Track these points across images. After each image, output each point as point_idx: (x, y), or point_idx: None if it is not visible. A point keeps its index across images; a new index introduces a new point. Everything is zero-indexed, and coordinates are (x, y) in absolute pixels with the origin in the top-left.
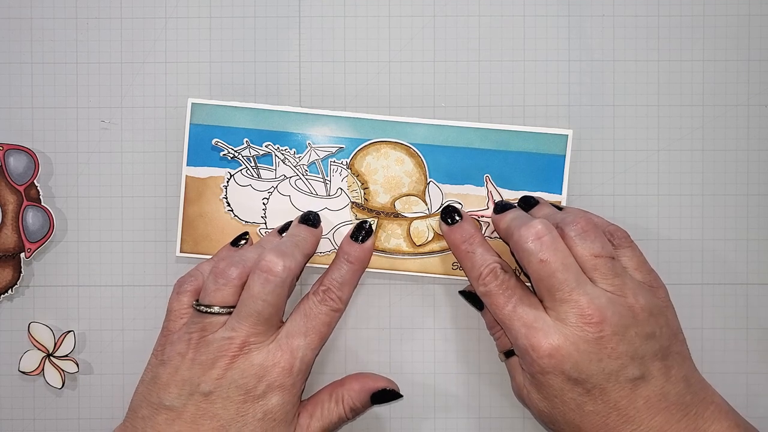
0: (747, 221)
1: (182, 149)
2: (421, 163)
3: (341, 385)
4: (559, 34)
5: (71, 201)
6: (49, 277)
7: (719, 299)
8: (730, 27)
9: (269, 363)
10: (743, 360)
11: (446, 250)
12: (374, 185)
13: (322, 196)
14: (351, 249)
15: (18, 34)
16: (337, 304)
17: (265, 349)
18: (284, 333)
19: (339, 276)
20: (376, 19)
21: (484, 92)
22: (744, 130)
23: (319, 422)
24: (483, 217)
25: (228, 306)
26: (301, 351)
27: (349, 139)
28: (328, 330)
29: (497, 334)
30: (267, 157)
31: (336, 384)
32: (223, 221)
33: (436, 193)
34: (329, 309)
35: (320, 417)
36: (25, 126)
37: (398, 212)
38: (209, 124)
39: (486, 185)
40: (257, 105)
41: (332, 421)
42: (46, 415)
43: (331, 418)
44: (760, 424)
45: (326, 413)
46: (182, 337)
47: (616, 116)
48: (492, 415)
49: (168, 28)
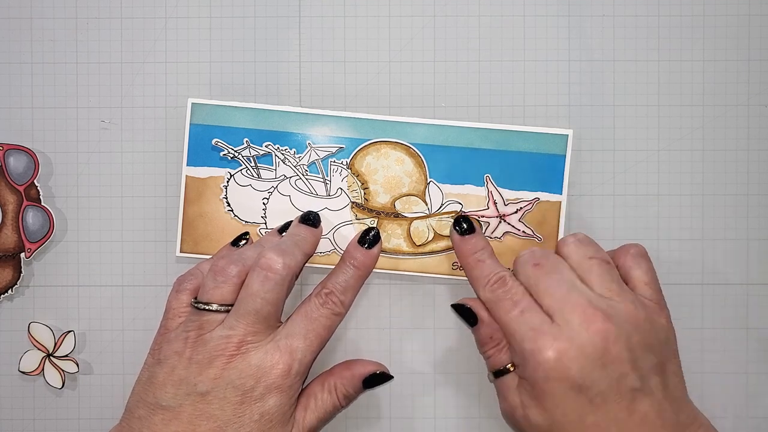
0: (747, 221)
1: (182, 149)
2: (421, 163)
3: (332, 375)
4: (559, 34)
5: (71, 201)
6: (49, 277)
7: (719, 299)
8: (730, 27)
9: (267, 364)
10: (743, 360)
11: (446, 250)
12: (374, 185)
13: (322, 196)
14: (358, 253)
15: (18, 34)
16: (339, 308)
17: (263, 349)
18: (284, 333)
19: (343, 280)
20: (376, 19)
21: (484, 92)
22: (744, 130)
23: (314, 414)
24: (483, 217)
25: (227, 304)
26: (300, 353)
27: (349, 139)
28: (328, 333)
29: (489, 351)
30: (267, 157)
31: (326, 374)
32: (223, 221)
33: (436, 193)
34: (330, 312)
35: (315, 409)
36: (25, 126)
37: (398, 212)
38: (209, 124)
39: (486, 185)
40: (257, 105)
41: (327, 410)
42: (46, 415)
43: (326, 408)
44: (760, 424)
45: (320, 404)
46: (179, 336)
47: (616, 116)
48: (492, 415)
49: (168, 28)
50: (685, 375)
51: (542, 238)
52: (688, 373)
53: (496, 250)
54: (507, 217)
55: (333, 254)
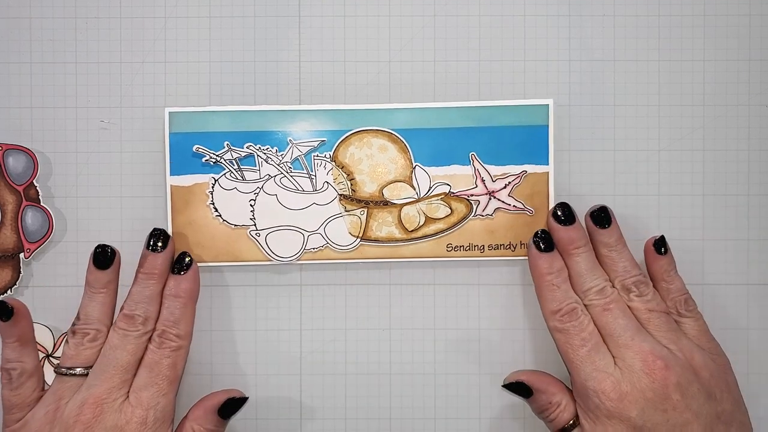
0: (747, 221)
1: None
2: (405, 149)
3: (187, 418)
4: (559, 34)
5: (70, 201)
6: (49, 277)
7: (720, 299)
8: (730, 27)
9: (122, 422)
10: (743, 360)
11: (439, 233)
12: (360, 175)
13: (309, 192)
14: (175, 283)
15: (18, 34)
16: (177, 341)
17: (118, 408)
18: (133, 388)
19: (170, 314)
20: (376, 19)
21: (484, 92)
22: (744, 130)
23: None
24: (473, 195)
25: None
26: (153, 401)
27: (329, 131)
28: (176, 371)
29: (551, 416)
30: (250, 159)
31: (184, 419)
32: (213, 227)
33: (423, 177)
34: (169, 350)
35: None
36: (24, 126)
37: (387, 200)
38: (189, 132)
39: (472, 163)
40: (234, 107)
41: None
42: None
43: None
44: (760, 424)
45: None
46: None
47: (616, 116)
48: (492, 416)
49: (167, 27)
50: None
51: (533, 210)
52: None
53: (488, 228)
54: (496, 193)
55: (327, 249)
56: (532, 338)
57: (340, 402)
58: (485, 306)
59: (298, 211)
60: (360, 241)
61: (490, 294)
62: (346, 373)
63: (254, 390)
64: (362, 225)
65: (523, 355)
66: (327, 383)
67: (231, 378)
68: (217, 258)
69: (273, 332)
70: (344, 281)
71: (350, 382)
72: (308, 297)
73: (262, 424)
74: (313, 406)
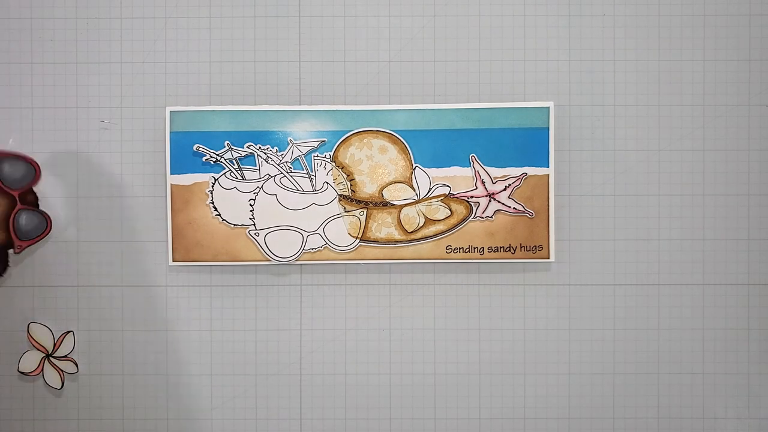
0: (747, 221)
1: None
2: (405, 149)
3: None
4: (559, 34)
5: (71, 201)
6: (49, 277)
7: (719, 299)
8: (730, 27)
9: None
10: (743, 360)
11: (439, 235)
12: (360, 176)
13: (309, 192)
14: None
15: (18, 34)
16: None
17: None
18: None
19: None
20: (376, 19)
21: (483, 92)
22: (744, 130)
23: None
24: (473, 197)
25: None
26: None
27: (330, 132)
28: None
29: None
30: (250, 158)
31: None
32: (212, 226)
33: (423, 178)
34: None
35: None
36: (24, 126)
37: (387, 201)
38: (189, 131)
39: (472, 165)
40: (235, 107)
41: None
42: (46, 415)
43: None
44: (762, 425)
45: None
46: None
47: (617, 116)
48: (492, 416)
49: (168, 28)
50: (686, 376)
51: (533, 213)
52: (689, 374)
53: (488, 230)
54: (496, 195)
55: (325, 250)
56: (532, 338)
57: (339, 402)
58: (485, 307)
59: (298, 211)
60: (359, 241)
61: (489, 295)
62: (346, 373)
63: (254, 390)
64: (361, 226)
65: (523, 355)
66: (327, 383)
67: (231, 378)
68: (215, 257)
69: (273, 332)
70: (344, 282)
71: (350, 382)
72: (308, 297)
73: (262, 424)
74: (313, 406)
